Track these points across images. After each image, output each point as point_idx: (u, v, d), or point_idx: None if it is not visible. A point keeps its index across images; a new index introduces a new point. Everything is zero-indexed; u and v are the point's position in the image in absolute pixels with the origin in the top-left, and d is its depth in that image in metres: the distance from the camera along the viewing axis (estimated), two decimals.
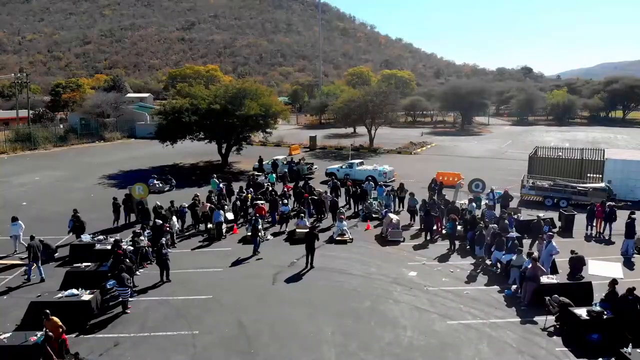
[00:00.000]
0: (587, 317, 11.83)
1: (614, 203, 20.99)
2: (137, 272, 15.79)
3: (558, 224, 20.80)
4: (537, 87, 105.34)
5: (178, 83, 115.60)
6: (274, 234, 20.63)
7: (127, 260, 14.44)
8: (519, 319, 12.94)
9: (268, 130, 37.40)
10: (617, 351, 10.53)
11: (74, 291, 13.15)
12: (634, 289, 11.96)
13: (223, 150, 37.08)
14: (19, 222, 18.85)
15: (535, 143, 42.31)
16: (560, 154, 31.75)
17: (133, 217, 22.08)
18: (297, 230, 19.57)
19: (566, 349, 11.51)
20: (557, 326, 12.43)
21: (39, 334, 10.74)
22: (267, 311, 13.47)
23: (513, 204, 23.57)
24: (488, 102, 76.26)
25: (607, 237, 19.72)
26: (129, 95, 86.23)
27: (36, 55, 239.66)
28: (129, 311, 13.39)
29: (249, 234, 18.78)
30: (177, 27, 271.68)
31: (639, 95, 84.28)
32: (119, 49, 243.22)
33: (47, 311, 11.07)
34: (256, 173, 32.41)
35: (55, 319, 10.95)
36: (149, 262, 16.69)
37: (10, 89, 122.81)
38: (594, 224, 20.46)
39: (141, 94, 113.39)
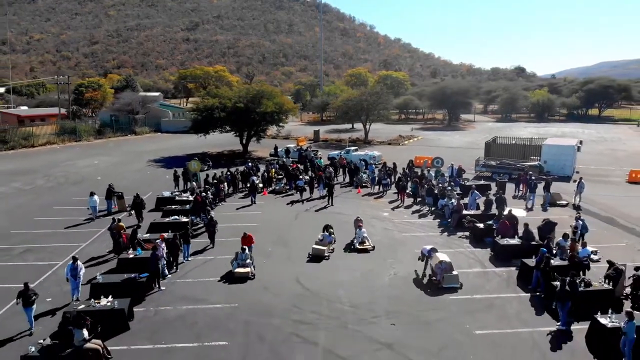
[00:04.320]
0: (483, 228, 20.21)
1: (532, 173, 29.34)
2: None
3: (494, 189, 29.04)
4: (523, 87, 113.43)
5: (188, 83, 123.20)
6: (292, 202, 28.75)
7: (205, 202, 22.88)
8: (447, 234, 21.34)
9: (281, 124, 45.82)
10: (494, 241, 18.88)
11: (176, 217, 21.54)
12: (511, 210, 20.35)
13: (244, 141, 45.44)
14: (95, 196, 24.07)
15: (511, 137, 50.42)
16: (514, 142, 40.12)
17: (188, 184, 30.45)
18: (315, 246, 19.06)
19: (470, 245, 19.89)
20: (468, 235, 20.80)
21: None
22: (293, 230, 21.87)
23: (469, 177, 31.99)
24: (472, 101, 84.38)
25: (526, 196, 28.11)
26: (145, 94, 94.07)
27: (45, 55, 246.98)
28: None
29: (236, 269, 16.89)
30: (181, 28, 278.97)
31: (612, 95, 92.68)
32: (126, 49, 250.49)
33: (119, 217, 19.50)
34: (272, 158, 40.75)
35: (122, 224, 19.25)
36: (210, 209, 25.01)
37: (28, 88, 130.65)
38: (521, 188, 28.81)
39: (152, 93, 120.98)
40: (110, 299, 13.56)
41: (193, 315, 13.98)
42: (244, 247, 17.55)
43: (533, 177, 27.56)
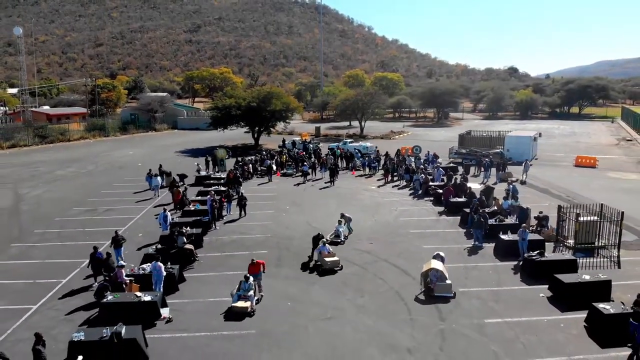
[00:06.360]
0: (442, 192, 27.65)
1: (490, 157, 36.85)
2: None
3: (461, 170, 36.49)
4: (512, 86, 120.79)
5: (195, 84, 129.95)
6: (298, 184, 36.17)
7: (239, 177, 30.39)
8: (416, 199, 28.85)
9: (287, 120, 53.34)
10: (447, 200, 26.31)
11: (217, 187, 28.99)
12: (463, 180, 27.82)
13: (255, 135, 52.88)
14: (158, 177, 30.90)
15: None
16: (484, 134, 47.64)
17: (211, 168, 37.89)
18: (327, 259, 18.29)
19: (433, 205, 27.35)
20: (432, 200, 28.25)
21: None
22: (303, 199, 29.33)
23: (443, 161, 39.45)
24: (458, 100, 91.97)
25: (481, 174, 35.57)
26: (163, 94, 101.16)
27: (51, 57, 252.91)
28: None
29: (236, 302, 14.81)
30: (184, 30, 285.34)
31: (590, 94, 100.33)
32: (130, 51, 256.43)
33: (178, 183, 27.04)
34: (281, 149, 48.06)
35: (180, 189, 26.69)
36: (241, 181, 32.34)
37: (41, 89, 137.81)
38: (481, 169, 36.29)
39: (159, 94, 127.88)
40: (188, 228, 20.98)
41: (242, 240, 21.45)
42: (249, 275, 15.38)
43: (487, 161, 35.04)
